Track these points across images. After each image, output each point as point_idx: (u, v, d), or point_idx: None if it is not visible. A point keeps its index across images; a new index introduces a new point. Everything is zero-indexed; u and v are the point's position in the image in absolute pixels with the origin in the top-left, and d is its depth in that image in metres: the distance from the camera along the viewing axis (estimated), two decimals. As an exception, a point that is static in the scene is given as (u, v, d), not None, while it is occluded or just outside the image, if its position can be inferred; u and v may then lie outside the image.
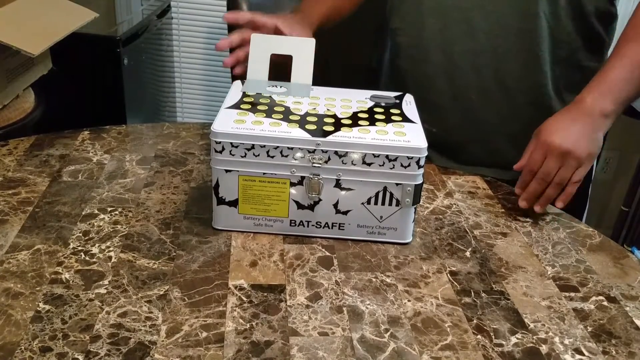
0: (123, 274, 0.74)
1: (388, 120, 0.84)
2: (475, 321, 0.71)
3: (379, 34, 1.32)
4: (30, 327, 0.65)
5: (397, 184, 0.80)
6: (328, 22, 1.10)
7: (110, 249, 0.79)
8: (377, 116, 0.85)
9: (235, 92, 0.89)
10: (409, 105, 0.90)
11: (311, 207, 0.82)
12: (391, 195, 0.81)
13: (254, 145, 0.78)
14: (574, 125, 0.88)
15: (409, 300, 0.74)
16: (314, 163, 0.79)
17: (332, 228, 0.83)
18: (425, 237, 0.86)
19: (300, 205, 0.82)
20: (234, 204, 0.82)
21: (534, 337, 0.69)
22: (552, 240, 0.88)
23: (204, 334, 0.66)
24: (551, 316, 0.73)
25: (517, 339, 0.69)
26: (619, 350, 0.68)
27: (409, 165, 0.79)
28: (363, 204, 0.82)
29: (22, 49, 1.28)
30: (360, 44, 1.58)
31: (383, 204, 0.81)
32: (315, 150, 0.78)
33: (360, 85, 0.96)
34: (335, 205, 0.82)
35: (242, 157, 0.79)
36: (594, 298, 0.77)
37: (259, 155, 0.79)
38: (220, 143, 0.79)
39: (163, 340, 0.65)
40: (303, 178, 0.80)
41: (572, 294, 0.77)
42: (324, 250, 0.82)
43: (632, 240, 2.08)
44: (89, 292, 0.71)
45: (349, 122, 0.82)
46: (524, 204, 0.91)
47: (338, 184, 0.80)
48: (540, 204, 0.90)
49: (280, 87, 0.92)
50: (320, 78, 0.95)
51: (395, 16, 1.11)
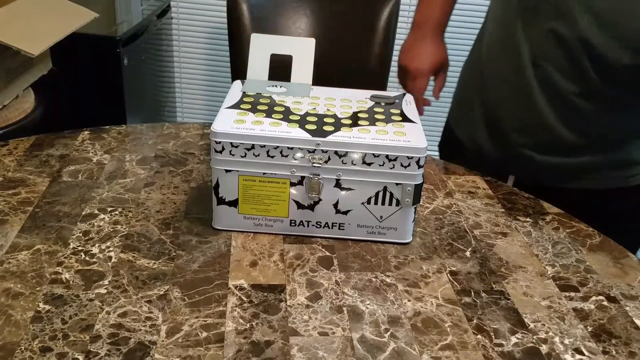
0: (123, 274, 0.74)
1: (388, 120, 0.84)
2: (475, 321, 0.71)
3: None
4: (30, 327, 0.66)
5: (397, 184, 0.80)
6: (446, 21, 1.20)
7: (110, 249, 0.79)
8: (377, 116, 0.85)
9: (235, 92, 0.89)
10: (409, 105, 0.90)
11: (311, 207, 0.82)
12: (391, 195, 0.81)
13: (254, 145, 0.78)
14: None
15: (409, 300, 0.74)
16: (314, 163, 0.79)
17: (332, 228, 0.83)
18: (425, 237, 0.86)
19: (300, 205, 0.82)
20: (234, 204, 0.82)
21: (534, 337, 0.69)
22: (552, 240, 0.88)
23: (204, 334, 0.66)
24: (551, 316, 0.73)
25: (517, 338, 0.69)
26: (619, 350, 0.68)
27: (409, 165, 0.79)
28: (363, 203, 0.82)
29: (22, 49, 1.28)
30: (361, 44, 1.58)
31: (383, 203, 0.81)
32: (315, 150, 0.78)
33: (360, 85, 0.96)
34: (335, 205, 0.82)
35: (242, 157, 0.79)
36: (594, 298, 0.77)
37: (259, 155, 0.79)
38: (220, 143, 0.79)
39: (163, 340, 0.65)
40: (303, 178, 0.80)
41: (572, 294, 0.77)
42: (324, 250, 0.82)
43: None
44: (89, 292, 0.71)
45: (349, 122, 0.82)
46: None
47: (338, 184, 0.80)
48: None
49: (280, 87, 0.92)
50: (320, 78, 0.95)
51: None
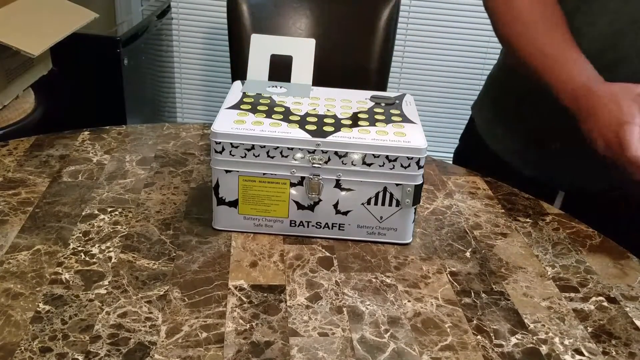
0: (123, 275, 0.74)
1: (388, 121, 0.84)
2: (475, 322, 0.71)
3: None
4: (30, 328, 0.65)
5: (397, 185, 0.80)
6: None
7: (110, 249, 0.79)
8: (377, 116, 0.85)
9: (235, 93, 0.89)
10: (409, 105, 0.90)
11: (311, 208, 0.82)
12: (391, 195, 0.81)
13: (254, 145, 0.78)
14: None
15: (409, 301, 0.74)
16: (314, 163, 0.79)
17: (332, 228, 0.83)
18: (425, 238, 0.86)
19: (300, 206, 0.82)
20: (234, 204, 0.82)
21: (534, 338, 0.69)
22: (552, 240, 0.88)
23: (204, 335, 0.66)
24: (551, 317, 0.73)
25: (517, 339, 0.69)
26: (619, 351, 0.68)
27: (409, 165, 0.79)
28: (363, 204, 0.82)
29: (22, 50, 1.28)
30: (361, 44, 1.58)
31: (383, 204, 0.81)
32: (315, 150, 0.78)
33: (360, 85, 0.96)
34: (335, 206, 0.82)
35: (242, 158, 0.79)
36: (594, 298, 0.77)
37: (259, 155, 0.79)
38: (220, 143, 0.79)
39: (163, 341, 0.65)
40: (303, 178, 0.80)
41: (572, 295, 0.77)
42: (324, 250, 0.82)
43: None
44: (89, 293, 0.71)
45: (349, 123, 0.82)
46: None
47: (338, 185, 0.80)
48: None
49: (280, 88, 0.92)
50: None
51: None
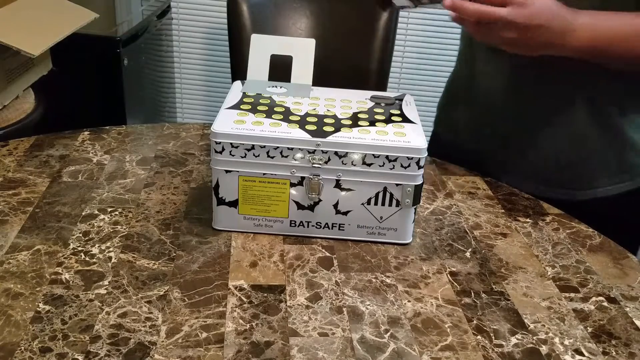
0: (123, 275, 0.74)
1: (388, 121, 0.84)
2: (475, 322, 0.71)
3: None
4: (30, 328, 0.65)
5: (397, 185, 0.80)
6: None
7: (110, 249, 0.79)
8: (377, 117, 0.85)
9: (235, 93, 0.89)
10: (409, 105, 0.90)
11: (311, 208, 0.82)
12: (391, 195, 0.81)
13: (254, 145, 0.78)
14: (554, 19, 0.82)
15: (409, 301, 0.74)
16: (314, 163, 0.79)
17: (332, 228, 0.83)
18: (425, 238, 0.86)
19: (300, 206, 0.82)
20: (234, 204, 0.82)
21: (534, 338, 0.69)
22: (552, 240, 0.88)
23: (204, 335, 0.66)
24: (551, 317, 0.73)
25: (517, 339, 0.69)
26: (619, 351, 0.68)
27: (409, 165, 0.79)
28: (363, 204, 0.82)
29: (22, 50, 1.28)
30: (361, 44, 1.58)
31: (383, 204, 0.81)
32: (315, 150, 0.78)
33: (360, 85, 0.96)
34: (335, 206, 0.82)
35: (242, 158, 0.79)
36: (594, 299, 0.77)
37: (259, 155, 0.79)
38: (220, 143, 0.79)
39: (163, 341, 0.65)
40: (303, 178, 0.80)
41: (572, 295, 0.77)
42: (324, 250, 0.82)
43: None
44: (89, 293, 0.71)
45: (349, 123, 0.82)
46: (448, 2, 0.79)
47: (338, 185, 0.80)
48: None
49: (280, 88, 0.92)
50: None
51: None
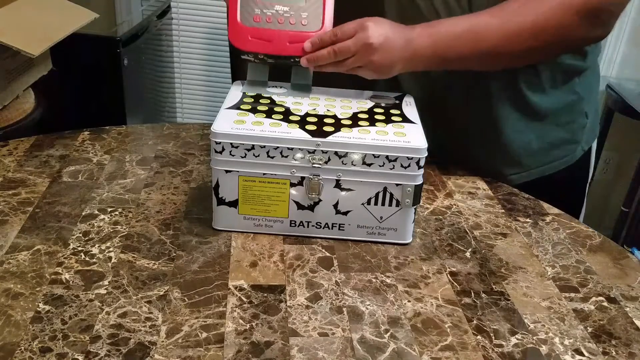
0: (123, 275, 0.74)
1: (388, 121, 0.84)
2: (475, 322, 0.71)
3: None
4: (30, 328, 0.65)
5: (397, 185, 0.80)
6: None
7: (110, 249, 0.79)
8: (377, 117, 0.85)
9: (235, 93, 0.89)
10: (409, 105, 0.90)
11: (311, 208, 0.82)
12: (391, 195, 0.81)
13: (254, 145, 0.78)
14: (393, 36, 0.87)
15: (409, 301, 0.74)
16: (314, 163, 0.79)
17: (332, 228, 0.83)
18: (425, 238, 0.86)
19: (300, 206, 0.82)
20: (234, 204, 0.82)
21: (534, 338, 0.69)
22: (552, 240, 0.88)
23: (204, 335, 0.66)
24: (551, 317, 0.73)
25: (517, 339, 0.69)
26: (619, 351, 0.68)
27: (409, 165, 0.79)
28: (363, 204, 0.82)
29: (22, 50, 1.28)
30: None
31: (383, 204, 0.81)
32: (315, 150, 0.78)
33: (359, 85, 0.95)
34: (335, 206, 0.82)
35: (242, 158, 0.79)
36: (594, 299, 0.77)
37: (259, 155, 0.79)
38: (220, 143, 0.79)
39: (163, 341, 0.65)
40: (303, 178, 0.80)
41: (572, 295, 0.77)
42: (324, 250, 0.82)
43: (632, 241, 2.08)
44: (89, 293, 0.71)
45: (349, 123, 0.82)
46: (305, 62, 0.88)
47: (338, 185, 0.80)
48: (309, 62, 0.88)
49: (280, 88, 0.92)
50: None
51: None
